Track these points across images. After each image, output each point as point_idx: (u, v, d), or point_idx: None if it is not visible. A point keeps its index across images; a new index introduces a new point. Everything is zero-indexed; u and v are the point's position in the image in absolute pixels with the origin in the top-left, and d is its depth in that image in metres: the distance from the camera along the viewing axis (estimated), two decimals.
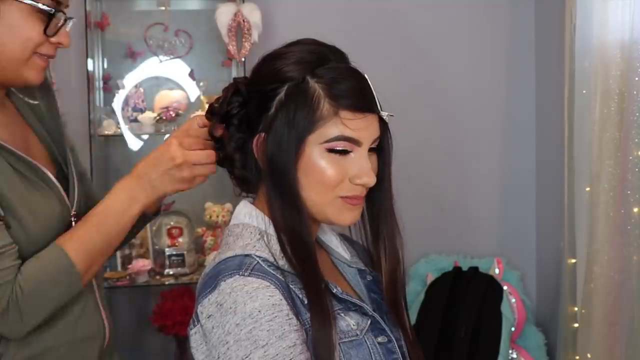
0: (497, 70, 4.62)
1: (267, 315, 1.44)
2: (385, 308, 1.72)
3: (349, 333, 1.56)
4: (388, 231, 1.72)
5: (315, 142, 1.55)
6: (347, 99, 1.55)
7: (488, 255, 4.52)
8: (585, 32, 3.56)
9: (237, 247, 1.59)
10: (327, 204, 1.59)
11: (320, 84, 1.56)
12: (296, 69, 1.58)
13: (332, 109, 1.55)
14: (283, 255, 1.57)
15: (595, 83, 3.46)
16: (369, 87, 1.60)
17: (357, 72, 1.62)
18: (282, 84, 1.58)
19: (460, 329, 4.04)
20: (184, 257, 4.16)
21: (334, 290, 1.59)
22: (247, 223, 1.64)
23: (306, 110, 1.55)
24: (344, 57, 1.65)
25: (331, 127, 1.55)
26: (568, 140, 3.70)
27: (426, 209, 4.52)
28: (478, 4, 4.56)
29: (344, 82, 1.57)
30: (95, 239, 1.89)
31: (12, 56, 1.85)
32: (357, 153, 1.58)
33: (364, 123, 1.57)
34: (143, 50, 4.29)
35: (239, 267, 1.52)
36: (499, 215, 4.72)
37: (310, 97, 1.55)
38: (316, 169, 1.56)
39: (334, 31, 4.44)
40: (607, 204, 3.38)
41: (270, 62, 1.63)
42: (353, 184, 1.59)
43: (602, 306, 3.43)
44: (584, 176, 3.58)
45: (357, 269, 1.80)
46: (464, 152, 4.64)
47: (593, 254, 3.47)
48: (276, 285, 1.50)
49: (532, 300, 4.62)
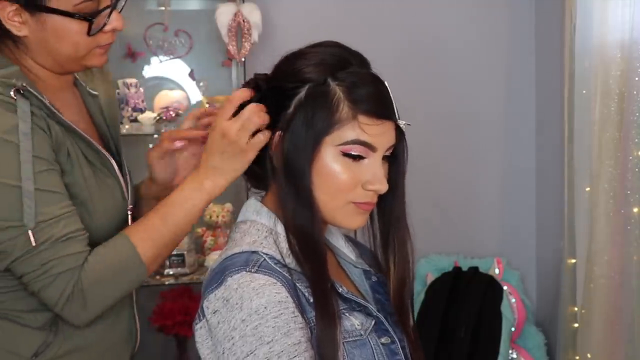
0: (496, 70, 4.61)
1: (273, 311, 1.46)
2: (390, 309, 1.73)
3: (353, 333, 1.57)
4: (399, 238, 1.72)
5: (331, 144, 1.57)
6: (366, 104, 1.56)
7: (488, 255, 4.50)
8: (585, 32, 3.56)
9: (245, 243, 1.60)
10: (338, 208, 1.61)
11: (340, 87, 1.57)
12: (317, 70, 1.59)
13: (350, 112, 1.56)
14: (290, 253, 1.59)
15: (595, 83, 3.46)
16: (388, 94, 1.62)
17: (378, 78, 1.63)
18: (303, 84, 1.59)
19: (460, 329, 4.04)
20: (184, 257, 4.09)
21: (340, 289, 1.60)
22: (254, 220, 1.66)
23: (325, 111, 1.56)
24: (365, 63, 1.66)
25: (348, 130, 1.56)
26: (568, 140, 3.71)
27: (426, 209, 4.44)
28: (477, 4, 4.55)
29: (365, 87, 1.58)
30: (163, 231, 1.90)
31: (69, 56, 1.90)
32: (371, 159, 1.59)
33: (381, 129, 1.58)
34: (143, 51, 4.23)
35: (246, 263, 1.54)
36: (499, 215, 4.71)
37: (330, 99, 1.56)
38: (330, 172, 1.57)
39: (335, 31, 4.42)
40: (607, 204, 3.38)
41: (292, 61, 1.64)
42: (365, 190, 1.60)
43: (602, 306, 3.44)
44: (584, 176, 3.58)
45: (362, 270, 1.81)
46: (464, 151, 4.62)
47: (593, 254, 3.47)
48: (283, 283, 1.51)
49: (532, 300, 4.61)
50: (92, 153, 1.94)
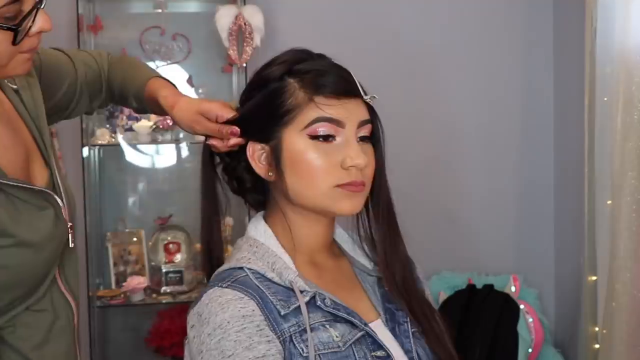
0: (513, 77, 4.57)
1: (235, 326, 1.49)
2: (400, 318, 1.72)
3: (329, 345, 1.56)
4: (390, 227, 1.73)
5: (297, 131, 1.60)
6: (321, 86, 1.60)
7: (504, 272, 4.44)
8: (607, 36, 3.54)
9: (234, 259, 1.65)
10: (324, 195, 1.61)
11: (295, 78, 1.62)
12: (277, 69, 1.65)
13: (306, 96, 1.59)
14: (274, 269, 1.61)
15: (617, 90, 3.42)
16: (348, 75, 1.64)
17: (335, 64, 1.67)
18: (266, 86, 1.67)
19: (475, 350, 3.97)
20: (182, 274, 4.15)
21: (318, 302, 1.60)
22: (250, 236, 1.71)
23: (278, 100, 1.61)
24: (325, 57, 1.70)
25: (308, 111, 1.59)
26: (588, 151, 3.68)
27: (438, 223, 4.46)
28: (495, 8, 4.53)
29: (317, 72, 1.62)
30: None
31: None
32: (342, 137, 1.61)
33: (343, 107, 1.61)
34: (139, 55, 4.16)
35: (222, 279, 1.59)
36: (515, 230, 4.65)
37: (284, 89, 1.62)
38: (304, 159, 1.60)
39: (339, 33, 4.31)
40: (630, 218, 3.34)
41: (259, 70, 1.71)
42: (345, 169, 1.60)
43: (624, 326, 3.40)
44: (605, 189, 3.56)
45: (376, 278, 1.80)
46: (479, 163, 4.59)
47: (615, 271, 3.43)
48: (251, 297, 1.54)
49: (551, 319, 4.55)
50: (23, 193, 1.84)
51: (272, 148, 1.62)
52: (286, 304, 1.55)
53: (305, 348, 1.51)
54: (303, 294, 1.56)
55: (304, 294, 1.57)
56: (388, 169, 1.67)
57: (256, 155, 1.66)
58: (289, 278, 1.57)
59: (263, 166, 1.65)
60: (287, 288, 1.58)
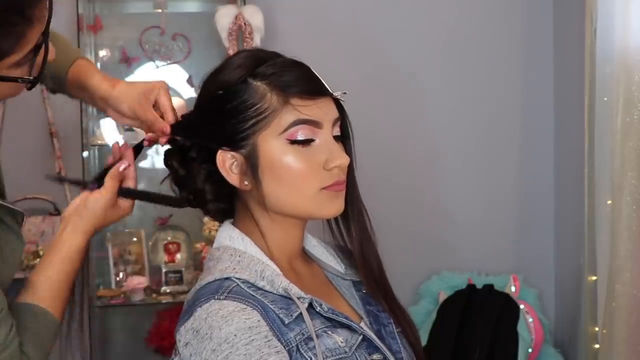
0: (513, 77, 4.57)
1: (243, 338, 1.43)
2: (384, 319, 1.71)
3: (336, 351, 1.53)
4: (364, 223, 1.72)
5: (274, 136, 1.56)
6: (295, 86, 1.56)
7: (504, 272, 4.41)
8: (607, 36, 3.54)
9: (217, 270, 1.58)
10: (309, 200, 1.59)
11: (263, 81, 1.57)
12: (234, 73, 1.60)
13: (281, 99, 1.55)
14: (263, 277, 1.56)
15: (617, 90, 3.43)
16: (313, 74, 1.61)
17: (298, 62, 1.63)
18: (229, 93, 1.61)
19: (475, 350, 3.96)
20: (182, 274, 4.15)
21: (318, 308, 1.56)
22: (227, 245, 1.64)
23: (247, 105, 1.56)
24: (281, 56, 1.65)
25: (285, 115, 1.55)
26: (588, 151, 3.69)
27: (437, 223, 4.44)
28: (494, 8, 4.53)
29: (288, 73, 1.58)
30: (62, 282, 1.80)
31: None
32: (320, 138, 1.59)
33: (318, 106, 1.58)
34: (138, 55, 4.25)
35: (215, 291, 1.52)
36: (515, 230, 4.63)
37: (253, 93, 1.56)
38: (284, 165, 1.57)
39: (341, 33, 4.31)
40: (630, 218, 3.35)
41: (210, 77, 1.66)
42: (328, 170, 1.58)
43: (624, 326, 3.40)
44: (605, 188, 3.56)
45: (351, 281, 1.78)
46: (478, 162, 4.58)
47: (615, 271, 3.43)
48: (254, 307, 1.49)
49: (551, 319, 4.52)
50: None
51: (245, 156, 1.57)
52: (288, 312, 1.51)
53: (314, 357, 1.48)
54: (300, 300, 1.53)
55: (302, 300, 1.53)
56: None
57: (227, 164, 1.59)
58: (282, 285, 1.53)
59: (236, 175, 1.59)
60: (282, 296, 1.54)
